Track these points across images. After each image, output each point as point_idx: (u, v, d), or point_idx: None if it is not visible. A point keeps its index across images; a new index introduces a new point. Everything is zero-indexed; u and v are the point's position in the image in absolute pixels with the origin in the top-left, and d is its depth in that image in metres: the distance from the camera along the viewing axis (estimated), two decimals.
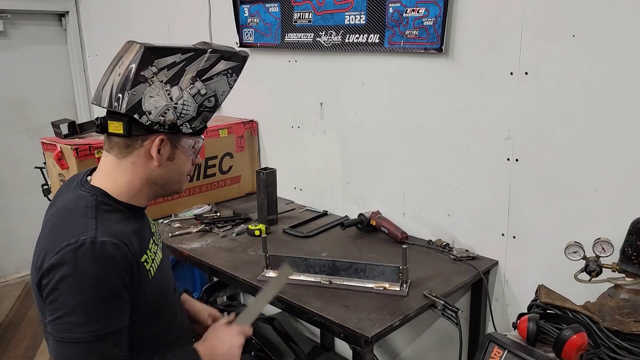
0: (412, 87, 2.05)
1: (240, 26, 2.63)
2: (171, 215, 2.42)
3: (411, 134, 2.09)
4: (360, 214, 2.17)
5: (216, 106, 1.13)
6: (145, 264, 1.08)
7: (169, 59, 1.07)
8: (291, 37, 2.39)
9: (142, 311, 1.07)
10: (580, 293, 1.54)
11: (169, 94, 1.05)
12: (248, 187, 2.73)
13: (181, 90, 1.06)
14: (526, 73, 1.72)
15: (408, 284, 1.69)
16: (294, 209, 2.51)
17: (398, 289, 1.67)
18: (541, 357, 1.22)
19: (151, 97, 1.04)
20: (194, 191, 2.51)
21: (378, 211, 2.17)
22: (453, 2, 1.84)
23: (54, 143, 2.19)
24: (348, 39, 2.16)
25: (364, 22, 2.09)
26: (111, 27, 3.68)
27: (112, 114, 1.06)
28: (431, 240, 2.07)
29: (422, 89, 2.02)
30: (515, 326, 1.32)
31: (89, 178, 1.14)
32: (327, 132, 2.39)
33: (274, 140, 2.69)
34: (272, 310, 2.65)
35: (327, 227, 2.24)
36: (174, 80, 1.06)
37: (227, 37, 2.73)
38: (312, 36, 2.30)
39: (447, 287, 1.71)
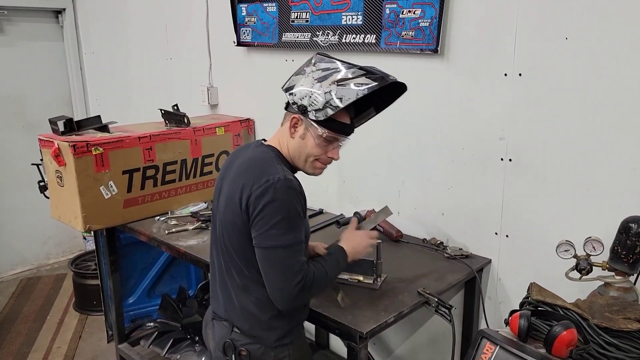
0: (408, 87, 2.07)
1: (237, 25, 2.64)
2: (168, 213, 2.43)
3: (406, 133, 2.11)
4: (356, 212, 2.19)
5: (338, 108, 1.32)
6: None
7: (326, 65, 1.37)
8: (288, 36, 2.41)
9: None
10: (571, 291, 1.57)
11: (312, 87, 1.33)
12: None
13: (320, 87, 1.33)
14: (520, 74, 1.75)
15: (382, 278, 1.73)
16: None
17: (371, 282, 1.72)
18: (532, 352, 1.25)
19: (301, 85, 1.35)
20: (190, 189, 2.53)
21: (373, 209, 2.19)
22: (449, 4, 1.86)
23: (51, 140, 2.19)
24: (345, 39, 2.18)
25: (361, 22, 2.11)
26: (108, 25, 3.68)
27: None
28: (425, 239, 2.09)
29: (417, 89, 2.04)
30: (507, 322, 1.35)
31: (263, 141, 1.48)
32: None
33: None
34: None
35: (323, 225, 2.26)
36: (321, 80, 1.34)
37: (224, 36, 2.75)
38: (309, 36, 2.32)
39: (441, 284, 1.74)
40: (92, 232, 2.67)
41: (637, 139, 1.56)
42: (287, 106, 1.42)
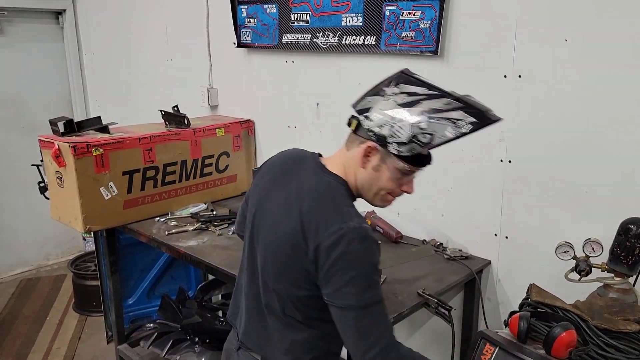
0: None
1: (238, 26, 2.65)
2: (168, 214, 2.43)
3: None
4: None
5: (428, 145, 1.13)
6: None
7: (413, 88, 1.15)
8: (288, 37, 2.42)
9: None
10: (571, 292, 1.57)
11: (394, 114, 1.13)
12: (244, 186, 2.75)
13: (406, 116, 1.12)
14: (520, 76, 1.76)
15: (382, 279, 1.73)
16: None
17: None
18: (531, 353, 1.25)
19: (380, 109, 1.15)
20: (190, 189, 2.53)
21: (373, 210, 2.19)
22: (449, 5, 1.87)
23: (52, 141, 2.20)
24: (345, 40, 2.19)
25: (361, 24, 2.12)
26: (108, 26, 3.68)
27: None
28: (425, 240, 2.10)
29: None
30: (506, 324, 1.35)
31: (324, 163, 1.29)
32: (324, 132, 2.41)
33: (271, 140, 2.72)
34: None
35: None
36: (405, 106, 1.13)
37: (224, 38, 2.75)
38: (309, 37, 2.32)
39: (440, 286, 1.74)
40: (92, 233, 2.67)
41: (636, 141, 1.57)
42: (357, 129, 1.21)
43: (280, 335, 1.28)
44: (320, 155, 1.34)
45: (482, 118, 1.12)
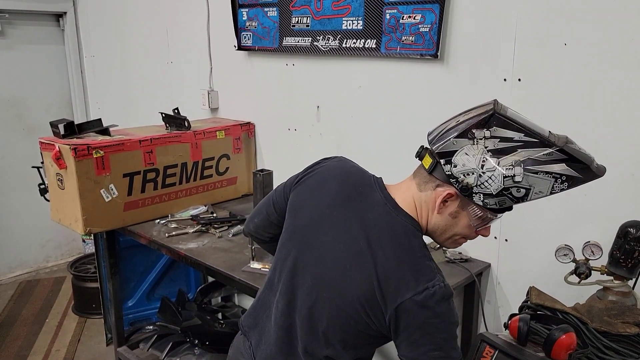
0: (407, 91, 2.09)
1: (238, 29, 2.66)
2: (168, 216, 2.43)
3: (406, 137, 2.12)
4: None
5: (522, 200, 1.00)
6: None
7: (509, 133, 0.99)
8: (289, 41, 2.42)
9: None
10: (570, 295, 1.57)
11: (483, 162, 0.99)
12: (244, 188, 2.75)
13: (498, 165, 0.98)
14: (519, 80, 1.76)
15: None
16: None
17: None
18: (531, 356, 1.26)
19: (466, 154, 1.00)
20: (190, 192, 2.53)
21: None
22: (449, 9, 1.88)
23: (52, 143, 2.20)
24: (345, 43, 2.19)
25: (361, 27, 2.13)
26: (109, 29, 3.69)
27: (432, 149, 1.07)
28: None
29: (417, 93, 2.06)
30: (506, 326, 1.36)
31: (392, 195, 1.14)
32: (324, 135, 2.42)
33: (271, 143, 2.72)
34: None
35: None
36: (498, 153, 0.98)
37: (225, 40, 2.76)
38: (309, 40, 2.33)
39: None
40: (92, 235, 2.67)
41: (635, 144, 1.57)
42: (433, 169, 1.06)
43: None
44: (381, 180, 1.19)
45: (587, 173, 1.00)
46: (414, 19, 1.95)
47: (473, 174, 1.00)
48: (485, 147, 0.99)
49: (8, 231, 3.93)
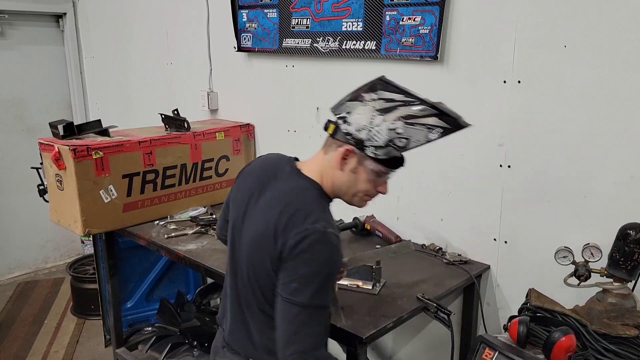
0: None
1: (238, 31, 2.66)
2: (167, 217, 2.43)
3: None
4: (355, 218, 2.20)
5: (404, 149, 1.20)
6: None
7: (391, 95, 1.19)
8: (289, 42, 2.42)
9: None
10: (569, 297, 1.57)
11: (372, 119, 1.18)
12: None
13: (383, 121, 1.18)
14: (519, 82, 1.77)
15: (381, 284, 1.74)
16: None
17: (370, 287, 1.72)
18: (531, 358, 1.26)
19: (358, 114, 1.20)
20: (190, 193, 2.53)
21: (372, 215, 2.20)
22: (449, 11, 1.88)
23: (52, 143, 2.20)
24: (345, 45, 2.19)
25: (361, 29, 2.13)
26: (109, 30, 3.69)
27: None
28: (424, 245, 2.10)
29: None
30: (506, 328, 1.36)
31: (299, 166, 1.33)
32: (324, 137, 2.41)
33: (270, 144, 2.72)
34: None
35: None
36: (383, 112, 1.18)
37: (225, 42, 2.76)
38: (309, 42, 2.33)
39: (439, 290, 1.74)
40: (90, 236, 2.67)
41: (635, 146, 1.57)
42: (335, 133, 1.25)
43: (261, 336, 1.32)
44: (297, 159, 1.39)
45: (454, 124, 1.20)
46: (414, 20, 1.95)
47: (364, 129, 1.19)
48: (374, 107, 1.19)
49: (7, 232, 3.93)
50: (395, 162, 1.26)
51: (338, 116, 1.25)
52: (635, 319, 1.37)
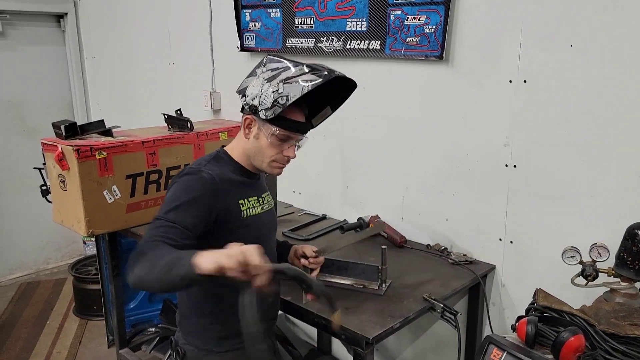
0: (412, 93, 2.08)
1: (241, 30, 2.65)
2: None
3: (411, 139, 2.12)
4: (360, 218, 2.19)
5: (285, 105, 1.34)
6: (240, 205, 1.43)
7: (275, 65, 1.38)
8: (292, 42, 2.42)
9: (226, 234, 1.36)
10: (575, 297, 1.57)
11: (262, 87, 1.36)
12: None
13: (269, 86, 1.35)
14: (525, 81, 1.76)
15: (387, 284, 1.73)
16: (293, 212, 2.53)
17: (376, 287, 1.71)
18: (539, 358, 1.25)
19: (253, 86, 1.38)
20: None
21: (377, 215, 2.19)
22: (454, 10, 1.88)
23: (55, 144, 2.19)
24: (349, 45, 2.19)
25: (366, 28, 2.12)
26: (110, 30, 3.69)
27: None
28: (429, 245, 2.09)
29: (422, 95, 2.06)
30: (514, 328, 1.35)
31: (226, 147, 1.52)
32: (327, 137, 2.41)
33: None
34: None
35: (327, 230, 2.26)
36: (270, 79, 1.36)
37: (228, 41, 2.75)
38: (313, 41, 2.33)
39: (445, 290, 1.74)
40: (94, 237, 2.66)
41: None
42: (243, 109, 1.43)
43: (181, 301, 1.51)
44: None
45: (326, 77, 1.35)
46: (419, 20, 1.95)
47: (257, 97, 1.36)
48: (264, 78, 1.37)
49: (8, 233, 3.92)
50: (293, 125, 1.41)
51: (239, 93, 1.41)
52: None
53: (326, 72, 1.36)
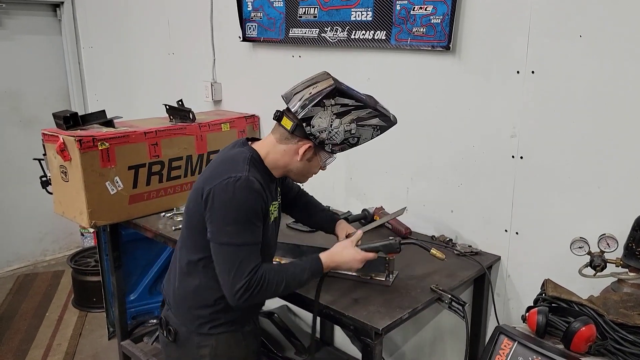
0: (418, 84, 2.07)
1: (243, 20, 2.63)
2: (173, 209, 2.41)
3: (416, 130, 2.11)
4: (364, 210, 2.19)
5: (356, 145, 1.48)
6: (270, 212, 1.50)
7: (346, 101, 1.43)
8: (296, 32, 2.40)
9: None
10: (581, 288, 1.57)
11: (331, 122, 1.42)
12: None
13: (341, 123, 1.43)
14: (533, 72, 1.76)
15: (394, 275, 1.73)
16: None
17: (383, 279, 1.71)
18: (551, 348, 1.25)
19: (320, 117, 1.41)
20: None
21: (382, 207, 2.19)
22: (461, 0, 1.86)
23: (56, 134, 2.16)
24: (354, 35, 2.17)
25: (371, 18, 2.11)
26: (107, 19, 3.64)
27: (289, 113, 1.43)
28: (434, 236, 2.10)
29: (428, 86, 2.05)
30: (524, 319, 1.35)
31: (249, 142, 1.53)
32: None
33: None
34: (272, 305, 2.66)
35: None
36: (340, 115, 1.42)
37: (229, 31, 2.73)
38: (317, 32, 2.31)
39: (452, 281, 1.74)
40: (94, 228, 2.64)
41: None
42: (295, 129, 1.43)
43: (180, 283, 1.53)
44: (252, 138, 1.58)
45: (390, 123, 1.51)
46: (426, 10, 1.93)
47: (325, 131, 1.42)
48: (332, 112, 1.41)
49: (4, 224, 3.89)
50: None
51: (302, 119, 1.40)
52: None
53: (389, 118, 1.49)
